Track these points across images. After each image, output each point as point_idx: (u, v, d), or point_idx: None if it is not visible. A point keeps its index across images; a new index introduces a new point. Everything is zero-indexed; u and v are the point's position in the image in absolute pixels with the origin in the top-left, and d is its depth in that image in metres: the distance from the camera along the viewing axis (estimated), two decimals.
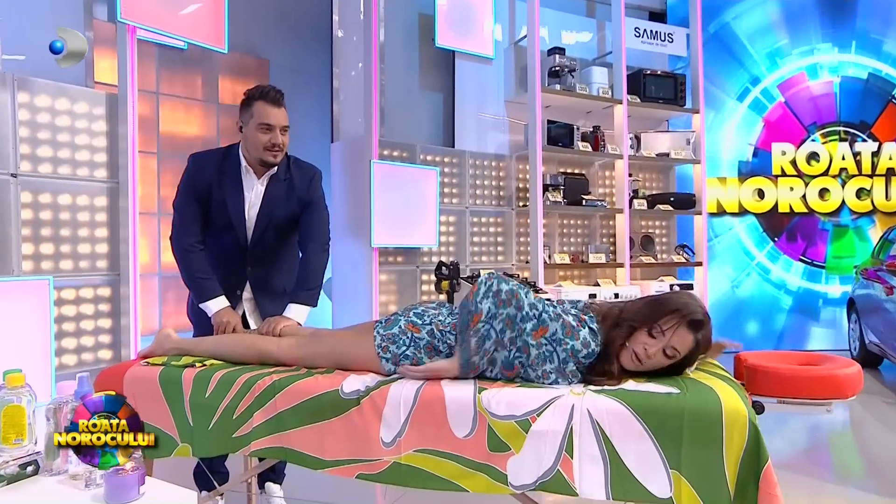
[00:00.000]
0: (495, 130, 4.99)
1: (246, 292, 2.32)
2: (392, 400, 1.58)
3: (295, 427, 1.66)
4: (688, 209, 5.26)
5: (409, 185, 4.25)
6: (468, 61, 4.81)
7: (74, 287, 3.06)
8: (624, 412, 1.40)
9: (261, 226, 2.25)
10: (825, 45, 6.00)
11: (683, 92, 5.25)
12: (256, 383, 1.72)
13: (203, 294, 2.20)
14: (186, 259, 2.22)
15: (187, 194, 2.24)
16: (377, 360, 1.80)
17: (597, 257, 4.90)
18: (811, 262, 5.92)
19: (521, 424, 1.45)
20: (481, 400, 1.51)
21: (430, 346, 1.76)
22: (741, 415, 1.35)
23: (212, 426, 1.73)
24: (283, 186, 2.27)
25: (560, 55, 4.75)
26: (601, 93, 4.91)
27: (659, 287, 4.84)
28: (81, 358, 3.07)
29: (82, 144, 3.09)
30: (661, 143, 5.21)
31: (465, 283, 4.17)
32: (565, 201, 4.76)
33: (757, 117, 5.97)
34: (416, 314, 1.83)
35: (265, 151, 2.18)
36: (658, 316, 1.60)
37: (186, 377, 1.79)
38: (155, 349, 2.03)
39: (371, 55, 4.08)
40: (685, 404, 1.39)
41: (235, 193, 2.23)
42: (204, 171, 2.23)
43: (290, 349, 1.92)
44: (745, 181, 5.95)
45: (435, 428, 1.53)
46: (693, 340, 1.59)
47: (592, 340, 1.61)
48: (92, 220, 3.12)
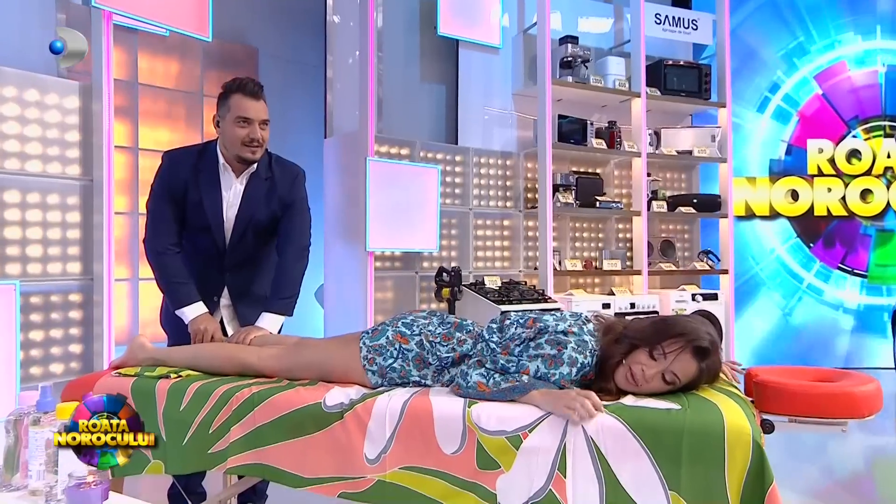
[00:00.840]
0: (502, 126, 5.04)
1: (224, 298, 2.38)
2: (377, 414, 1.63)
3: (274, 442, 1.71)
4: (712, 212, 5.30)
5: (407, 185, 4.31)
6: (473, 51, 4.87)
7: (43, 293, 3.12)
8: (620, 429, 1.45)
9: (240, 228, 2.32)
10: (868, 31, 6.00)
11: (708, 84, 5.28)
12: (234, 395, 1.77)
13: (179, 299, 2.26)
14: (161, 262, 2.29)
15: (161, 194, 2.31)
16: (363, 372, 1.85)
17: (612, 264, 4.94)
18: (851, 271, 5.93)
19: (512, 440, 1.50)
20: (471, 414, 1.56)
21: (419, 359, 1.82)
22: (744, 433, 1.39)
23: (186, 441, 1.78)
24: (263, 186, 2.33)
25: (573, 44, 4.81)
26: (618, 85, 4.96)
27: (679, 297, 4.87)
28: (49, 369, 3.13)
29: (53, 139, 3.15)
30: (683, 140, 5.26)
31: (467, 290, 4.23)
32: (577, 203, 4.80)
33: (791, 111, 5.99)
34: (404, 324, 1.89)
35: (243, 147, 2.24)
36: (662, 337, 1.64)
37: (160, 389, 1.85)
38: (128, 359, 2.10)
39: (368, 43, 4.13)
40: (685, 421, 1.44)
41: (212, 193, 2.29)
42: (179, 170, 2.30)
43: (271, 360, 1.98)
44: (776, 181, 5.97)
45: (422, 444, 1.58)
46: (696, 369, 1.62)
47: (580, 354, 1.65)
48: (63, 221, 3.18)
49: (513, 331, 1.77)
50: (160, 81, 4.39)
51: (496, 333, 1.81)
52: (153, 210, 2.33)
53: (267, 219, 2.36)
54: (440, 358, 1.81)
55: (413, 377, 1.82)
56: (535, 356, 1.65)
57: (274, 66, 5.06)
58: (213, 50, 4.58)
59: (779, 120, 6.01)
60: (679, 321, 1.68)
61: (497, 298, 4.11)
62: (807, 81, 6.00)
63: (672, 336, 1.63)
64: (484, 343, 1.79)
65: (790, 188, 5.96)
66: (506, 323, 1.83)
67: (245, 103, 2.22)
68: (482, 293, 4.19)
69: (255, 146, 2.25)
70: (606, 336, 1.72)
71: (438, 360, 1.81)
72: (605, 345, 1.70)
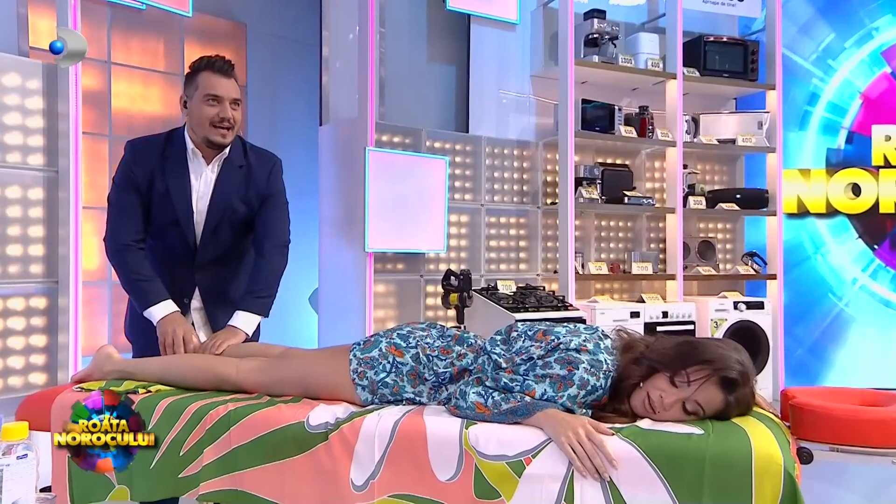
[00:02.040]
0: (518, 112, 5.05)
1: (195, 300, 2.42)
2: (365, 435, 1.65)
3: (252, 466, 1.73)
4: (759, 209, 5.27)
5: (412, 178, 4.32)
6: (487, 27, 4.88)
7: (1, 297, 3.17)
8: (634, 455, 1.46)
9: (212, 220, 2.36)
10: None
11: (756, 63, 5.25)
12: (209, 413, 1.80)
13: (146, 298, 2.29)
14: (122, 259, 2.32)
15: (124, 185, 2.35)
16: (352, 387, 1.88)
17: (642, 267, 4.93)
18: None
19: (514, 467, 1.51)
20: (468, 436, 1.57)
21: (413, 374, 1.84)
22: (775, 462, 1.39)
23: (154, 464, 1.80)
24: (238, 174, 2.38)
25: (599, 19, 4.80)
26: (650, 65, 4.95)
27: (720, 305, 4.85)
28: (8, 382, 3.18)
29: (13, 125, 3.20)
30: (725, 127, 5.23)
31: (478, 296, 4.24)
32: (603, 198, 4.80)
33: (853, 93, 5.93)
34: (400, 335, 1.91)
35: (212, 128, 2.29)
36: (686, 362, 1.64)
37: None
38: (92, 372, 2.13)
39: (368, 18, 4.15)
40: (707, 448, 1.44)
41: (180, 182, 2.34)
42: (143, 159, 2.34)
43: (251, 374, 2.00)
44: (835, 174, 5.89)
45: (414, 469, 1.60)
46: (722, 401, 1.62)
47: (592, 376, 1.65)
48: (25, 216, 3.23)
49: (520, 344, 1.79)
50: (136, 61, 4.43)
51: (500, 346, 1.82)
52: (115, 203, 2.37)
53: (243, 211, 2.40)
54: (437, 373, 1.83)
55: (407, 394, 1.84)
56: (543, 376, 1.66)
57: (263, 43, 5.09)
58: (195, 26, 4.62)
59: (838, 103, 5.95)
60: (707, 346, 1.68)
61: (511, 305, 4.11)
62: (873, 58, 5.91)
63: (697, 362, 1.63)
64: (486, 356, 1.81)
65: (851, 182, 5.87)
66: (512, 335, 1.85)
67: (214, 80, 2.28)
68: (494, 299, 4.20)
69: (224, 127, 2.29)
70: (625, 354, 1.74)
71: (435, 376, 1.83)
72: (622, 364, 1.71)
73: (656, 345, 1.74)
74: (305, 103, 5.19)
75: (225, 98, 2.28)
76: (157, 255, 2.39)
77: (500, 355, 1.78)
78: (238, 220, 2.41)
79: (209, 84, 2.28)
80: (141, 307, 2.30)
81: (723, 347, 1.67)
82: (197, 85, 2.30)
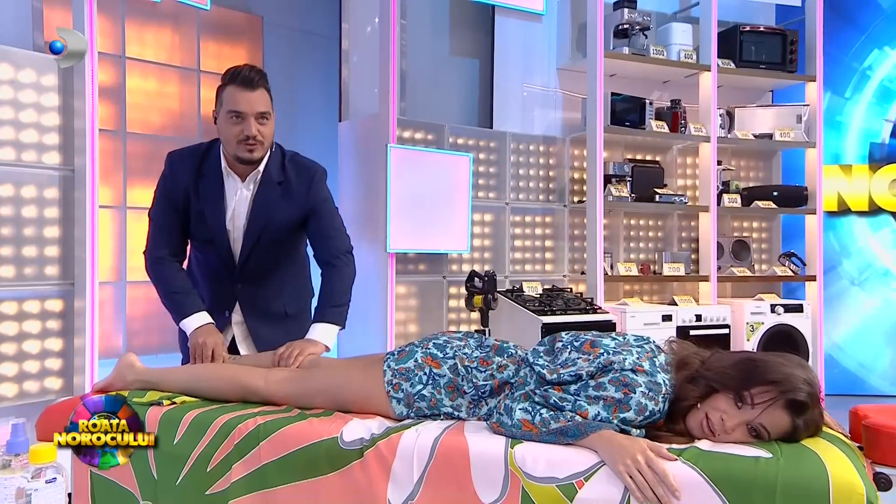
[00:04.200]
0: (544, 106, 4.99)
1: (235, 314, 2.41)
2: (404, 452, 1.61)
3: (283, 483, 1.70)
4: (798, 207, 5.19)
5: (435, 175, 4.28)
6: (512, 18, 4.82)
7: (17, 299, 3.15)
8: (697, 480, 1.41)
9: (251, 239, 2.34)
10: None
11: (795, 54, 5.16)
12: (237, 427, 1.77)
13: (180, 311, 2.30)
14: (158, 272, 2.34)
15: (162, 202, 2.36)
16: (386, 400, 1.84)
17: (673, 268, 4.86)
18: None
19: (565, 490, 1.47)
20: (514, 456, 1.53)
21: (451, 386, 1.80)
22: (856, 492, 1.33)
23: (180, 480, 1.78)
24: (276, 191, 2.34)
25: (630, 9, 4.73)
26: (683, 56, 4.88)
27: (756, 308, 4.78)
28: (23, 388, 3.16)
29: (29, 122, 3.18)
30: (762, 122, 5.15)
31: (503, 298, 4.20)
32: (633, 196, 4.74)
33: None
34: (436, 345, 1.87)
35: (238, 146, 2.25)
36: (750, 383, 1.57)
37: (151, 418, 1.84)
38: (114, 381, 2.10)
39: (389, 10, 4.11)
40: (779, 474, 1.38)
41: (214, 203, 2.32)
42: (180, 176, 2.34)
43: (280, 385, 1.97)
44: (878, 170, 5.80)
45: (455, 490, 1.56)
46: (790, 424, 1.55)
47: (650, 401, 1.59)
48: (40, 217, 3.21)
49: (566, 356, 1.74)
50: (151, 55, 4.41)
51: (543, 357, 1.77)
52: (153, 216, 2.39)
53: (284, 227, 2.38)
54: (477, 386, 1.78)
55: (445, 408, 1.80)
56: (596, 398, 1.59)
57: (281, 36, 5.06)
58: (210, 19, 4.59)
59: (882, 95, 5.84)
60: (771, 364, 1.60)
61: (538, 308, 4.07)
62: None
63: (762, 383, 1.56)
64: (528, 368, 1.76)
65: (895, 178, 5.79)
66: (557, 346, 1.79)
67: (237, 95, 2.22)
68: (520, 302, 4.15)
69: (251, 144, 2.25)
70: (680, 372, 1.68)
71: (475, 389, 1.78)
72: (678, 383, 1.65)
73: (713, 362, 1.67)
74: (324, 99, 5.16)
75: (249, 114, 2.22)
76: (200, 267, 2.41)
77: (544, 367, 1.73)
78: (280, 237, 2.38)
79: (232, 100, 2.23)
80: (176, 319, 2.31)
81: (788, 366, 1.59)
82: (223, 101, 2.27)
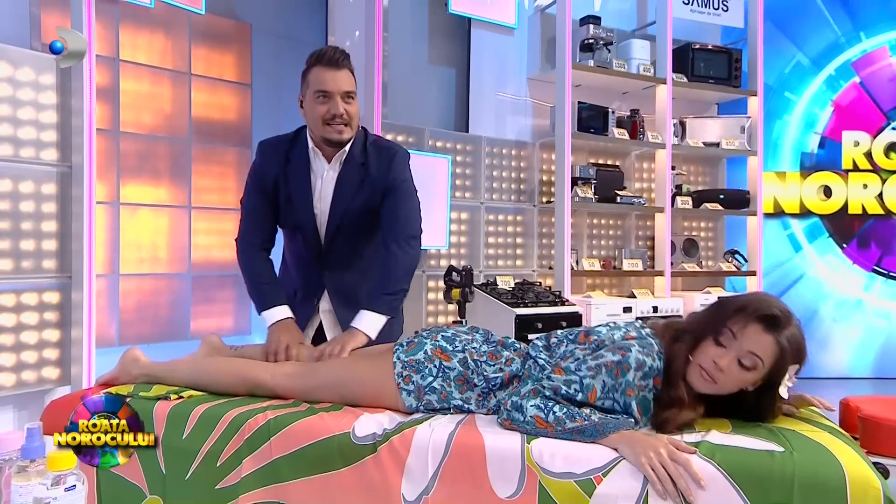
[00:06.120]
0: (516, 113, 4.88)
1: (323, 302, 2.23)
2: (418, 447, 1.48)
3: (295, 478, 1.56)
4: (740, 209, 5.17)
5: (416, 176, 4.11)
6: (486, 31, 4.70)
7: (14, 291, 2.94)
8: (714, 474, 1.30)
9: (334, 220, 2.16)
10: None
11: (739, 70, 5.14)
12: (247, 422, 1.62)
13: (261, 301, 2.13)
14: (245, 260, 2.18)
15: (253, 190, 2.19)
16: (396, 392, 1.70)
17: (632, 263, 4.80)
18: (887, 274, 5.82)
19: (583, 486, 1.34)
20: (531, 451, 1.40)
21: (462, 379, 1.67)
22: (872, 487, 1.24)
23: (190, 475, 1.63)
24: (358, 172, 2.15)
25: (595, 25, 4.65)
26: (642, 70, 4.81)
27: (704, 300, 4.73)
28: (22, 377, 2.95)
29: (27, 119, 2.97)
30: (710, 131, 5.11)
31: (479, 291, 4.08)
32: (596, 198, 4.65)
33: (825, 100, 5.86)
34: (444, 338, 1.74)
35: (325, 127, 2.08)
36: (723, 319, 1.51)
37: (158, 412, 1.68)
38: (118, 375, 1.93)
39: (373, 21, 3.99)
40: (795, 468, 1.28)
41: (302, 187, 2.14)
42: (269, 163, 2.17)
43: (286, 378, 1.82)
44: (808, 176, 5.84)
45: (471, 485, 1.43)
46: (773, 343, 1.46)
47: (647, 356, 1.51)
48: (38, 212, 3.00)
49: (563, 348, 1.64)
50: (143, 58, 4.18)
51: (543, 351, 1.67)
52: (245, 205, 2.22)
53: (364, 209, 2.16)
54: (487, 378, 1.66)
55: (455, 400, 1.67)
56: (598, 367, 1.49)
57: (269, 43, 4.85)
58: (201, 24, 4.38)
59: (812, 110, 5.88)
60: (736, 297, 1.57)
61: (511, 301, 3.96)
62: (843, 69, 5.86)
63: (733, 314, 1.50)
64: (532, 361, 1.64)
65: (823, 184, 5.82)
66: (552, 341, 1.69)
67: (323, 74, 2.05)
68: (495, 295, 4.05)
69: (338, 123, 2.07)
70: (664, 338, 1.59)
71: (485, 382, 1.66)
72: (665, 346, 1.56)
73: (689, 319, 1.63)
74: None
75: (335, 92, 2.05)
76: (292, 257, 2.24)
77: (546, 361, 1.62)
78: (361, 219, 2.18)
79: (318, 79, 2.06)
80: (258, 309, 2.14)
81: (751, 294, 1.58)
82: (308, 83, 2.09)
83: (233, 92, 4.51)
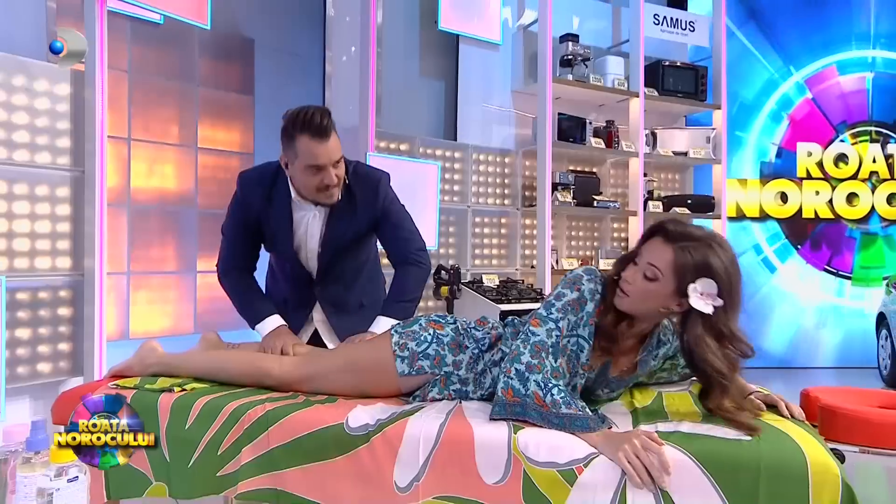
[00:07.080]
0: (500, 123, 4.85)
1: (316, 312, 2.13)
2: (410, 437, 1.43)
3: (291, 466, 1.51)
4: (706, 213, 5.15)
5: (407, 181, 4.06)
6: (473, 46, 4.66)
7: (30, 289, 2.88)
8: (687, 463, 1.26)
9: (326, 256, 2.05)
10: (859, 39, 5.90)
11: (705, 86, 5.14)
12: (246, 413, 1.56)
13: (253, 316, 2.02)
14: (228, 282, 2.07)
15: (233, 222, 2.06)
16: (392, 361, 1.67)
17: (608, 263, 4.77)
18: (836, 273, 5.85)
19: (565, 475, 1.31)
20: (517, 441, 1.36)
21: (454, 343, 1.68)
22: (831, 472, 1.21)
23: (192, 463, 1.57)
24: (346, 209, 2.02)
25: (574, 42, 4.62)
26: (616, 84, 4.79)
27: None
28: (37, 369, 2.88)
29: (42, 127, 2.90)
30: (678, 141, 5.10)
31: (466, 289, 4.04)
32: (575, 202, 4.63)
33: (782, 114, 5.88)
34: (437, 315, 1.76)
35: (319, 194, 1.93)
36: (640, 243, 1.53)
37: (163, 404, 1.63)
38: (133, 365, 1.87)
39: (368, 37, 3.95)
40: (761, 455, 1.25)
41: (284, 230, 2.01)
42: (250, 199, 2.01)
43: (292, 366, 1.77)
44: (767, 184, 5.86)
45: (460, 472, 1.39)
46: (671, 252, 1.42)
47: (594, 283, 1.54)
48: (53, 213, 2.93)
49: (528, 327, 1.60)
50: (153, 71, 4.12)
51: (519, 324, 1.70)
52: (225, 232, 2.09)
53: (354, 238, 2.06)
54: (476, 340, 1.68)
55: (446, 366, 1.65)
56: (563, 308, 1.51)
57: (270, 57, 4.79)
58: (207, 40, 4.32)
59: (770, 123, 5.90)
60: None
61: (496, 297, 3.94)
62: (798, 86, 5.90)
63: (646, 235, 1.52)
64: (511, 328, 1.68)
65: (780, 190, 5.86)
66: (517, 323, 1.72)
67: (314, 148, 1.85)
68: (481, 292, 4.02)
69: (332, 190, 1.93)
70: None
71: (475, 343, 1.67)
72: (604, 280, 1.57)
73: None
74: None
75: (328, 164, 1.88)
76: (281, 271, 2.13)
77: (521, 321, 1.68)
78: (352, 245, 2.07)
79: (309, 153, 1.85)
80: (251, 325, 2.04)
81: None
82: (297, 153, 1.87)
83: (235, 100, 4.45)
